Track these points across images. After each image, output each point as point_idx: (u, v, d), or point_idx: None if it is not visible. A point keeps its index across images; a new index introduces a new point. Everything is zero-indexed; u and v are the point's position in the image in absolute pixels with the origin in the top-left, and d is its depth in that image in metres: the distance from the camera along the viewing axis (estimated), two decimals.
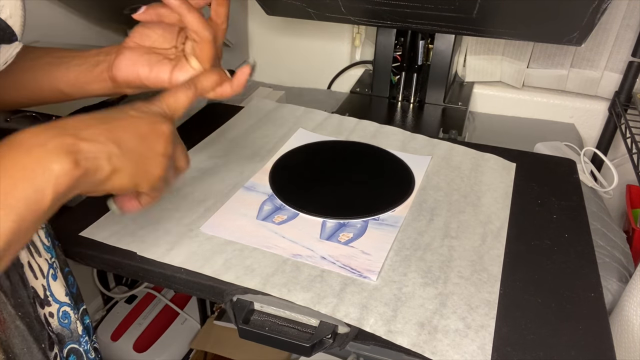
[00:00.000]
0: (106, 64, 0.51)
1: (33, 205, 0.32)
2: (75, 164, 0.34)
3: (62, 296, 0.47)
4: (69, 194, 0.34)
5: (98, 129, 0.37)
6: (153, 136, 0.40)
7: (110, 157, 0.37)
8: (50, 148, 0.33)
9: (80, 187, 0.35)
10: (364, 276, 0.53)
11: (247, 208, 0.63)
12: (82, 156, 0.34)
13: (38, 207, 0.32)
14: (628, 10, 0.92)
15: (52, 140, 0.33)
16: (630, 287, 0.61)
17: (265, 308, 0.51)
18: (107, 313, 1.16)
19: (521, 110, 1.08)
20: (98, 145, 0.36)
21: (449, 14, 0.80)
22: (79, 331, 0.48)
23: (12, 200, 0.31)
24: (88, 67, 0.51)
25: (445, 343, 0.46)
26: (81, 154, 0.34)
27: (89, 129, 0.36)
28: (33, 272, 0.45)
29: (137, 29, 0.51)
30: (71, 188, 0.34)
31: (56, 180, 0.33)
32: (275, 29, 1.18)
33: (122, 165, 0.38)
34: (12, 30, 0.38)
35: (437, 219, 0.62)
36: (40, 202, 0.32)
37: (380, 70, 1.04)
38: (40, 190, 0.32)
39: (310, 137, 0.79)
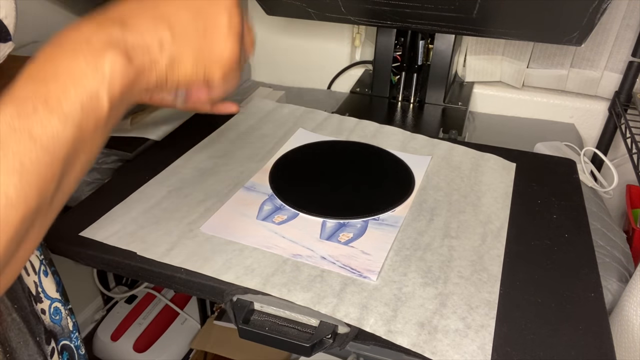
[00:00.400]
0: None
1: (91, 111, 0.28)
2: (127, 59, 0.30)
3: (53, 292, 0.47)
4: (130, 94, 0.31)
5: (144, 10, 0.32)
6: (213, 4, 0.34)
7: (162, 45, 0.32)
8: (96, 44, 0.29)
9: (139, 87, 0.31)
10: (364, 276, 0.53)
11: (247, 208, 0.63)
12: (133, 49, 0.30)
13: (96, 115, 0.28)
14: (628, 10, 0.92)
15: (97, 35, 0.29)
16: (630, 287, 0.60)
17: (265, 308, 0.51)
18: (107, 313, 1.16)
19: (521, 110, 1.08)
20: (147, 33, 0.31)
21: (449, 14, 0.80)
22: (70, 327, 0.48)
23: (66, 107, 0.27)
24: None
25: (445, 343, 0.46)
26: (131, 47, 0.30)
27: (135, 16, 0.31)
28: (25, 269, 0.45)
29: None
30: (128, 89, 0.30)
31: (110, 80, 0.29)
32: (275, 29, 1.18)
33: (180, 52, 0.33)
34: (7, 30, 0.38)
35: (437, 219, 0.62)
36: (97, 107, 0.28)
37: (380, 70, 1.04)
38: (94, 93, 0.28)
39: (310, 137, 0.79)
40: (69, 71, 0.28)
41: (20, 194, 0.25)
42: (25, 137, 0.26)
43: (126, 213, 0.61)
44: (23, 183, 0.25)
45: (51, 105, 0.27)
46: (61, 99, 0.27)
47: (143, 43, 0.31)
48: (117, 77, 0.29)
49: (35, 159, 0.26)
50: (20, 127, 0.26)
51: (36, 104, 0.26)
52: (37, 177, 0.26)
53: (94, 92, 0.28)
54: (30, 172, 0.26)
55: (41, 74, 0.27)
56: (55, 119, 0.27)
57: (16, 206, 0.25)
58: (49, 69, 0.28)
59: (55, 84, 0.27)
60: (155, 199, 0.64)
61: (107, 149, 0.79)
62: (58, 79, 0.27)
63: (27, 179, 0.26)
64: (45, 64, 0.28)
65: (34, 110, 0.26)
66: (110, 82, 0.29)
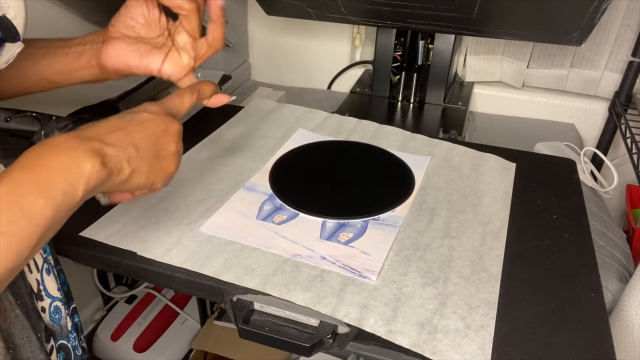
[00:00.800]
0: (93, 52, 0.52)
1: (68, 197, 0.36)
2: (102, 164, 0.38)
3: (54, 291, 0.48)
4: (95, 191, 0.38)
5: (119, 134, 0.41)
6: (166, 136, 0.44)
7: (130, 160, 0.41)
8: (81, 151, 0.37)
9: (104, 186, 0.39)
10: (364, 276, 0.53)
11: (247, 208, 0.63)
12: (108, 159, 0.39)
13: (71, 200, 0.36)
14: (628, 10, 0.92)
15: (82, 145, 0.37)
16: (630, 287, 0.61)
17: (265, 308, 0.51)
18: (107, 313, 1.16)
19: (521, 110, 1.08)
20: (120, 150, 0.40)
21: (449, 14, 0.80)
22: (69, 327, 0.49)
23: (52, 192, 0.35)
24: (74, 55, 0.53)
25: (445, 343, 0.46)
26: (107, 156, 0.39)
27: (111, 135, 0.40)
28: (28, 266, 0.45)
29: (119, 19, 0.52)
30: (97, 186, 0.38)
31: (88, 177, 0.37)
32: (275, 29, 1.18)
33: (139, 166, 0.42)
34: (17, 30, 0.40)
35: (437, 219, 0.62)
36: (74, 195, 0.36)
37: (380, 70, 1.04)
38: (75, 184, 0.36)
39: (310, 137, 0.79)
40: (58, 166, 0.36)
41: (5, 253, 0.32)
42: (16, 210, 0.33)
43: (126, 213, 0.61)
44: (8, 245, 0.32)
45: (41, 189, 0.34)
46: (49, 185, 0.35)
47: (117, 155, 0.39)
48: (94, 176, 0.37)
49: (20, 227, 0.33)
50: (13, 201, 0.33)
51: (29, 187, 0.34)
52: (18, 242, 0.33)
53: (74, 183, 0.36)
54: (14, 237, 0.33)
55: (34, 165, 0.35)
56: (42, 199, 0.34)
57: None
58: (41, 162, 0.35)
59: (45, 173, 0.35)
60: (155, 199, 0.64)
61: None
62: (49, 170, 0.35)
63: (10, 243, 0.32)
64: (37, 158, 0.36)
65: (26, 191, 0.34)
66: (87, 178, 0.37)
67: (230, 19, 1.06)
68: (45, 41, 0.53)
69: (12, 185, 0.34)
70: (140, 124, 0.43)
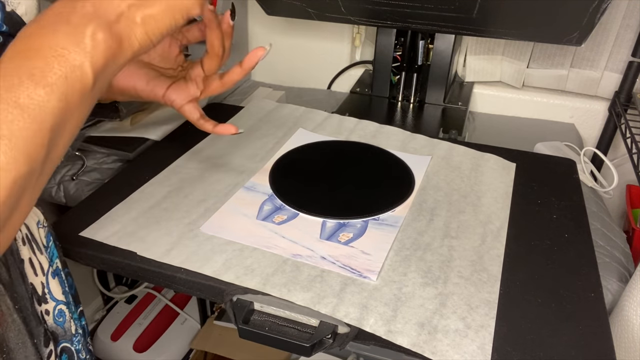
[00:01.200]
0: None
1: (76, 83, 0.30)
2: (107, 29, 0.32)
3: (59, 295, 0.47)
4: (114, 63, 0.33)
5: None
6: None
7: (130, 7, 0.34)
8: (74, 21, 0.31)
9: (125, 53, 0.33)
10: (364, 276, 0.53)
11: (247, 208, 0.63)
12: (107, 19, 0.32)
13: (82, 85, 0.30)
14: (628, 10, 0.92)
15: (74, 12, 0.31)
16: (630, 287, 0.60)
17: (265, 308, 0.51)
18: (107, 313, 1.16)
19: (521, 110, 1.08)
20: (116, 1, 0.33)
21: (449, 14, 0.80)
22: (73, 330, 0.49)
23: (51, 79, 0.29)
24: None
25: (445, 343, 0.46)
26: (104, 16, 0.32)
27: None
28: (33, 269, 0.45)
29: None
30: (112, 58, 0.32)
31: (93, 52, 0.31)
32: (275, 29, 1.18)
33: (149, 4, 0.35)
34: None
35: (437, 219, 0.62)
36: (82, 79, 0.30)
37: (380, 70, 1.04)
38: (78, 66, 0.30)
39: (310, 137, 0.79)
40: (51, 47, 0.29)
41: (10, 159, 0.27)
42: (12, 107, 0.27)
43: (126, 213, 0.61)
44: (12, 149, 0.27)
45: (36, 78, 0.28)
46: (45, 72, 0.29)
47: (116, 9, 0.33)
48: (100, 49, 0.31)
49: (23, 126, 0.27)
50: (7, 98, 0.27)
51: (21, 77, 0.28)
52: (25, 144, 0.28)
53: (77, 65, 0.30)
54: (19, 139, 0.27)
55: (24, 52, 0.29)
56: (40, 89, 0.28)
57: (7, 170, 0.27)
58: (32, 46, 0.29)
59: (39, 59, 0.29)
60: (155, 199, 0.64)
61: (107, 149, 0.79)
62: (41, 54, 0.29)
63: (16, 146, 0.27)
64: (27, 42, 0.30)
65: (19, 83, 0.28)
66: (92, 54, 0.30)
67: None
68: None
69: (2, 78, 0.28)
70: None
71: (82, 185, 0.77)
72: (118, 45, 0.32)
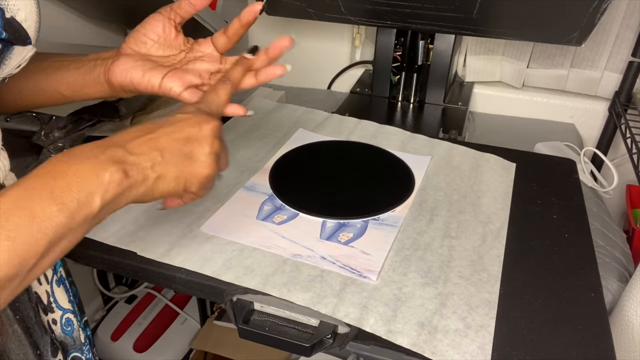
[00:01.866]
0: (103, 68, 0.51)
1: (84, 206, 0.34)
2: (124, 174, 0.37)
3: (65, 303, 0.47)
4: (118, 202, 0.37)
5: (143, 140, 0.40)
6: (199, 137, 0.42)
7: (153, 166, 0.39)
8: (102, 159, 0.36)
9: (129, 196, 0.38)
10: (364, 276, 0.53)
11: (247, 208, 0.63)
12: (129, 167, 0.37)
13: (88, 210, 0.35)
14: (628, 10, 0.92)
15: (103, 153, 0.37)
16: (630, 287, 0.61)
17: (265, 308, 0.51)
18: (107, 313, 1.16)
19: (521, 110, 1.08)
20: (142, 157, 0.39)
21: (449, 14, 0.80)
22: (82, 339, 0.48)
23: (66, 199, 0.34)
24: (86, 70, 0.52)
25: (445, 343, 0.46)
26: (128, 164, 0.37)
27: (135, 141, 0.39)
28: (37, 278, 0.45)
29: (133, 35, 0.52)
30: (119, 196, 0.37)
31: (106, 187, 0.36)
32: (275, 29, 1.18)
33: (166, 171, 0.40)
34: (27, 34, 0.39)
35: (437, 219, 0.62)
36: (90, 205, 0.35)
37: (380, 70, 1.04)
38: (91, 194, 0.35)
39: (310, 137, 0.79)
40: (75, 174, 0.35)
41: (6, 259, 0.30)
42: (26, 214, 0.32)
43: (126, 213, 0.61)
44: (11, 250, 0.31)
45: (55, 196, 0.33)
46: (64, 193, 0.34)
47: (139, 163, 0.38)
48: (112, 185, 0.36)
49: (29, 233, 0.32)
50: (24, 206, 0.32)
51: (42, 193, 0.33)
52: (24, 248, 0.31)
53: (90, 193, 0.35)
54: (20, 242, 0.31)
55: (52, 173, 0.34)
56: (54, 206, 0.33)
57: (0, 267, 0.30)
58: (59, 170, 0.35)
59: (62, 181, 0.34)
60: None
61: None
62: (65, 177, 0.34)
63: (15, 248, 0.31)
64: (56, 166, 0.35)
65: (39, 196, 0.33)
66: (105, 189, 0.36)
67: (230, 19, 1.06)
68: (61, 55, 0.53)
69: (27, 190, 0.33)
70: (170, 126, 0.42)
71: None
72: (129, 187, 0.37)
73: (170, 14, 0.52)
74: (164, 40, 0.52)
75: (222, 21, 0.98)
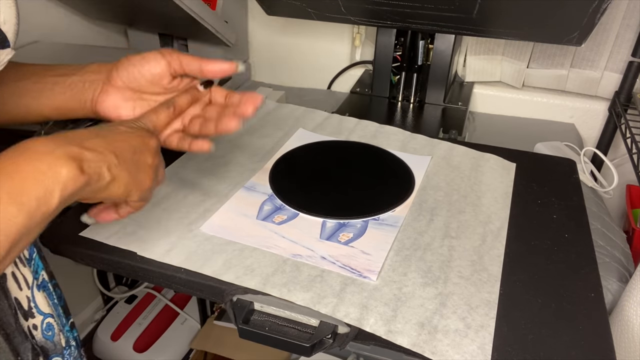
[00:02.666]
0: (90, 95, 0.52)
1: (42, 205, 0.34)
2: (80, 170, 0.36)
3: (45, 308, 0.46)
4: (72, 198, 0.37)
5: (99, 141, 0.40)
6: (144, 149, 0.44)
7: (110, 167, 0.40)
8: (58, 155, 0.36)
9: (82, 193, 0.38)
10: (364, 276, 0.53)
11: (247, 208, 0.63)
12: (86, 164, 0.37)
13: (46, 208, 0.34)
14: (628, 10, 0.92)
15: (59, 148, 0.36)
16: (630, 287, 0.61)
17: (265, 308, 0.51)
18: (107, 313, 1.16)
19: (521, 110, 1.09)
20: (100, 155, 0.39)
21: (449, 14, 0.80)
22: (63, 343, 0.47)
23: (24, 199, 0.33)
24: (72, 95, 0.52)
25: (445, 343, 0.46)
26: (85, 162, 0.37)
27: (91, 140, 0.39)
28: (17, 283, 0.44)
29: (126, 67, 0.52)
30: (75, 193, 0.36)
31: (64, 183, 0.35)
32: (275, 29, 1.18)
33: (119, 175, 0.41)
34: (5, 36, 0.38)
35: (437, 219, 0.62)
36: (48, 202, 0.34)
37: (380, 70, 1.04)
38: (50, 191, 0.34)
39: (310, 137, 0.79)
40: (33, 170, 0.34)
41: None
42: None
43: None
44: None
45: (13, 196, 0.33)
46: (22, 192, 0.33)
47: (96, 161, 0.38)
48: (70, 182, 0.36)
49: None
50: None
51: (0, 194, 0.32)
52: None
53: (49, 190, 0.34)
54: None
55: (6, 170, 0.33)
56: (13, 207, 0.32)
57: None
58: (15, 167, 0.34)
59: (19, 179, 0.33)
60: (155, 199, 0.64)
61: None
62: (22, 175, 0.33)
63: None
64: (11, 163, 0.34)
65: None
66: (64, 184, 0.35)
67: (230, 19, 1.06)
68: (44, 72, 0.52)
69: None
70: (120, 135, 0.43)
71: None
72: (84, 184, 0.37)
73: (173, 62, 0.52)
74: (158, 81, 0.52)
75: (222, 21, 0.98)
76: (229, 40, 1.02)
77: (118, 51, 1.04)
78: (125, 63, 0.52)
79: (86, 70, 0.53)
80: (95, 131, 0.41)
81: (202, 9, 0.91)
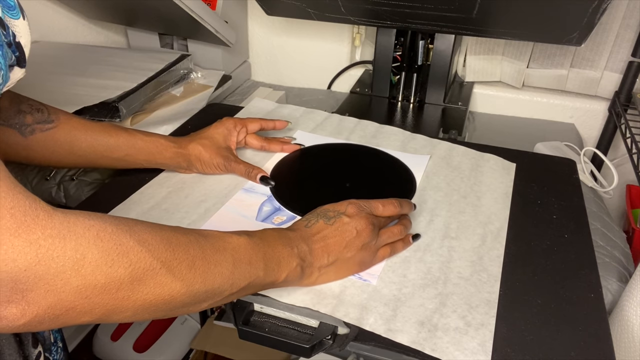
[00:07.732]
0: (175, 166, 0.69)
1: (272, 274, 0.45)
2: (301, 268, 0.48)
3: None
4: (285, 283, 0.47)
5: (321, 245, 0.49)
6: (356, 239, 0.51)
7: (320, 267, 0.50)
8: (295, 252, 0.47)
9: (295, 282, 0.49)
10: (363, 279, 0.53)
11: (247, 209, 0.63)
12: (307, 265, 0.48)
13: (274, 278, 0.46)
14: (628, 10, 0.92)
15: (297, 247, 0.48)
16: (630, 287, 0.60)
17: (265, 309, 0.51)
18: None
19: (521, 110, 1.09)
20: (316, 259, 0.49)
21: (449, 14, 0.80)
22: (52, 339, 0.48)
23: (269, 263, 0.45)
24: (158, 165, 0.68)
25: (446, 340, 0.46)
26: (307, 263, 0.48)
27: (316, 243, 0.49)
28: None
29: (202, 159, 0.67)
30: (291, 281, 0.48)
31: (291, 271, 0.47)
32: (275, 29, 1.18)
33: (327, 271, 0.50)
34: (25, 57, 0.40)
35: (437, 220, 0.62)
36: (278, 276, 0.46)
37: (380, 70, 1.04)
38: (282, 270, 0.46)
39: (310, 138, 0.79)
40: (279, 252, 0.46)
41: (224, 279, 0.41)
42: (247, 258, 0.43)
43: (126, 213, 0.61)
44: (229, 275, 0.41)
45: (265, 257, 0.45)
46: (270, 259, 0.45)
47: (312, 264, 0.49)
48: (293, 273, 0.47)
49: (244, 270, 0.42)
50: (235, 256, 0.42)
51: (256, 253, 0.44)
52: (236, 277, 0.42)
53: (282, 269, 0.46)
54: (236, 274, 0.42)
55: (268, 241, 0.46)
56: (262, 263, 0.44)
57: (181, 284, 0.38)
58: (272, 242, 0.46)
59: (271, 251, 0.45)
60: (156, 199, 0.64)
61: None
62: (274, 250, 0.46)
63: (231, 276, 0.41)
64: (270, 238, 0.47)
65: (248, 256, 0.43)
66: (290, 272, 0.46)
67: (230, 19, 1.06)
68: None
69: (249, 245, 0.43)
70: (337, 230, 0.50)
71: (82, 186, 0.77)
72: (300, 275, 0.48)
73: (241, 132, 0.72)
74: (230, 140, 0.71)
75: (221, 21, 0.98)
76: (229, 40, 1.02)
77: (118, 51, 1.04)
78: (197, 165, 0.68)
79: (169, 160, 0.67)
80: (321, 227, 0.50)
81: (202, 9, 0.91)
